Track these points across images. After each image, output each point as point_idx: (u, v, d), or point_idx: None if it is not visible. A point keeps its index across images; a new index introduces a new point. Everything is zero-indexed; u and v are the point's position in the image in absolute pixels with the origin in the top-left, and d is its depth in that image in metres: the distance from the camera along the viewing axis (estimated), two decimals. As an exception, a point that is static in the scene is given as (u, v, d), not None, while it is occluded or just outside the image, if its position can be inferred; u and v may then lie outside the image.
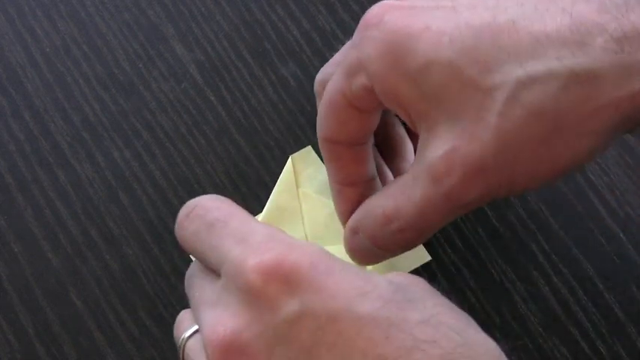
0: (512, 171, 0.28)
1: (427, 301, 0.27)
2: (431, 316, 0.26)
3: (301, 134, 0.40)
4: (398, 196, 0.31)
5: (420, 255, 0.37)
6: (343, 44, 0.38)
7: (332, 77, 0.32)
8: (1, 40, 0.42)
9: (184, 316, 0.31)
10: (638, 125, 0.28)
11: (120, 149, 0.40)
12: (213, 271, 0.29)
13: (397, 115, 0.32)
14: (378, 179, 0.35)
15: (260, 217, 0.38)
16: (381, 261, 0.34)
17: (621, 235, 0.38)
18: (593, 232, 0.38)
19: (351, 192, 0.34)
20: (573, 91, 0.27)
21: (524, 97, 0.27)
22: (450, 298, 0.37)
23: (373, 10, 0.31)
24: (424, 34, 0.29)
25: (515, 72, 0.27)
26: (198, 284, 0.30)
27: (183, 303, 0.38)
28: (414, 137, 0.36)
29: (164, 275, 0.38)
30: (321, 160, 0.39)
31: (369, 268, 0.37)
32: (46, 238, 0.39)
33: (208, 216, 0.29)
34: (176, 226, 0.31)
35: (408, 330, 0.25)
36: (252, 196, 0.39)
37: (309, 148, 0.40)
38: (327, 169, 0.35)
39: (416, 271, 0.38)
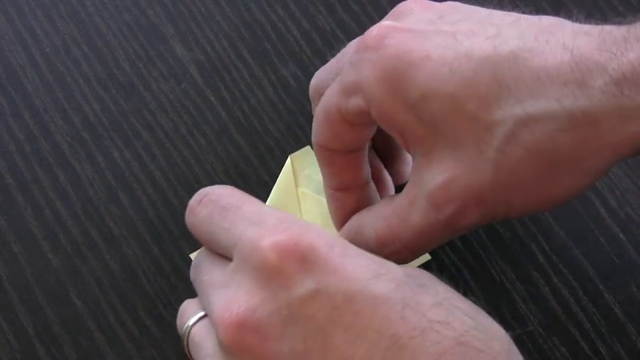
0: (509, 201, 0.29)
1: (438, 287, 0.27)
2: (443, 299, 0.26)
3: (301, 134, 0.40)
4: (392, 219, 0.31)
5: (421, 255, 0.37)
6: (343, 44, 0.38)
7: (328, 90, 0.33)
8: (1, 40, 0.42)
9: (187, 305, 0.31)
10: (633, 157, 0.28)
11: (120, 149, 0.40)
12: (222, 256, 0.29)
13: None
14: (372, 183, 0.35)
15: None
16: None
17: (621, 235, 0.38)
18: (593, 232, 0.38)
19: (345, 197, 0.34)
20: (571, 133, 0.27)
21: (523, 135, 0.28)
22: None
23: (373, 32, 0.31)
24: (424, 63, 0.29)
25: (515, 110, 0.28)
26: (207, 268, 0.29)
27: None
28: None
29: (164, 275, 0.38)
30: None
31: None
32: (46, 238, 0.39)
33: (222, 201, 0.30)
34: (187, 212, 0.31)
35: (421, 311, 0.25)
36: (252, 196, 0.39)
37: (308, 148, 0.40)
38: (322, 174, 0.35)
39: (416, 271, 0.38)
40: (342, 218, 0.35)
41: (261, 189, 0.40)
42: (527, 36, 0.28)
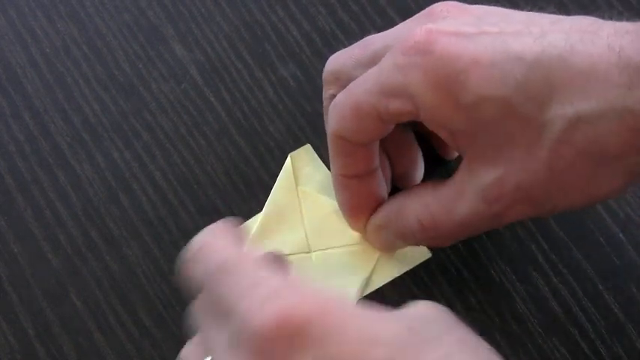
0: (556, 199, 0.30)
1: (444, 337, 0.26)
2: (446, 354, 0.25)
3: (301, 135, 0.40)
4: (435, 208, 0.33)
5: (422, 251, 0.37)
6: (343, 44, 0.38)
7: (360, 86, 0.32)
8: (1, 40, 0.42)
9: (189, 351, 0.30)
10: None
11: (120, 150, 0.40)
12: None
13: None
14: (380, 169, 0.35)
15: (259, 215, 0.38)
16: (400, 248, 0.37)
17: (621, 235, 0.38)
18: (593, 232, 0.38)
19: (354, 183, 0.35)
20: (621, 133, 0.28)
21: (574, 136, 0.28)
22: (450, 298, 0.37)
23: (417, 35, 0.31)
24: (475, 67, 0.29)
25: (566, 111, 0.28)
26: (205, 326, 0.28)
27: (184, 303, 0.38)
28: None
29: (164, 276, 0.38)
30: (320, 158, 0.39)
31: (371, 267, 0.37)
32: (46, 239, 0.39)
33: (215, 258, 0.28)
34: (181, 265, 0.30)
35: None
36: (252, 197, 0.39)
37: (308, 146, 0.40)
38: (333, 163, 0.35)
39: (416, 273, 0.38)
40: (352, 206, 0.36)
41: (261, 189, 0.40)
42: (572, 37, 0.29)
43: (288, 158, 0.39)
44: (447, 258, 0.38)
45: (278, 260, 0.30)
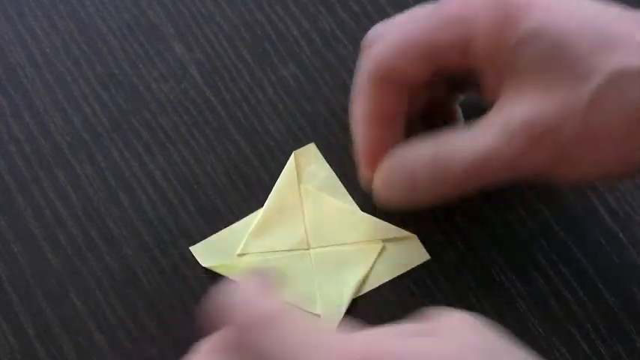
0: (582, 153, 0.29)
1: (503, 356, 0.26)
2: None
3: (301, 135, 0.40)
4: (450, 146, 0.31)
5: (421, 253, 0.38)
6: (343, 44, 0.38)
7: (412, 21, 0.32)
8: (1, 40, 0.42)
9: None
10: None
11: (120, 149, 0.40)
12: None
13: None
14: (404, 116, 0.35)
15: (260, 211, 0.39)
16: (403, 207, 0.34)
17: (621, 235, 0.38)
18: (594, 232, 0.38)
19: (379, 126, 0.34)
20: None
21: (618, 86, 0.28)
22: (450, 298, 0.37)
23: None
24: (538, 3, 0.30)
25: (615, 60, 0.29)
26: None
27: (183, 303, 0.38)
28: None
29: (164, 275, 0.38)
30: (323, 157, 0.40)
31: (365, 272, 0.37)
32: (46, 239, 0.39)
33: (253, 309, 0.27)
34: (211, 303, 0.28)
35: None
36: (252, 196, 0.39)
37: (312, 144, 0.40)
38: (363, 102, 0.34)
39: (416, 273, 0.38)
40: (370, 150, 0.34)
41: (261, 189, 0.40)
42: (623, 14, 0.30)
43: (292, 156, 0.39)
44: (447, 258, 0.38)
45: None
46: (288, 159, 0.40)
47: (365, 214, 0.38)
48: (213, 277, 0.38)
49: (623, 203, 0.39)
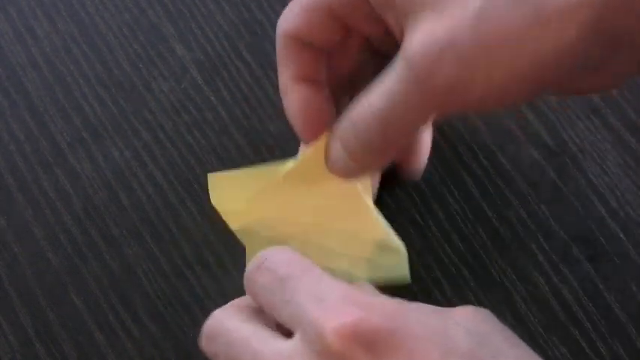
0: (489, 59, 0.27)
1: (509, 352, 0.27)
2: None
3: (301, 134, 0.40)
4: (367, 93, 0.29)
5: (402, 276, 0.35)
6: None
7: None
8: (1, 40, 0.42)
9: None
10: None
11: (120, 149, 0.40)
12: (269, 326, 0.29)
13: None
14: (327, 90, 0.34)
15: (283, 169, 0.36)
16: (357, 176, 0.32)
17: (621, 235, 0.38)
18: (593, 232, 0.38)
19: (303, 88, 0.33)
20: None
21: None
22: (450, 298, 0.37)
23: None
24: None
25: None
26: (260, 342, 0.28)
27: (183, 303, 0.38)
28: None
29: (164, 275, 0.38)
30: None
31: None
32: (46, 238, 0.39)
33: (280, 270, 0.29)
34: (245, 279, 0.30)
35: None
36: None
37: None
38: (282, 67, 0.33)
39: (416, 273, 0.38)
40: (301, 111, 0.33)
41: (261, 189, 0.39)
42: None
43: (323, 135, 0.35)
44: (447, 258, 0.38)
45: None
46: (288, 159, 0.40)
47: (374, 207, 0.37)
48: (213, 277, 0.38)
49: (623, 203, 0.39)
